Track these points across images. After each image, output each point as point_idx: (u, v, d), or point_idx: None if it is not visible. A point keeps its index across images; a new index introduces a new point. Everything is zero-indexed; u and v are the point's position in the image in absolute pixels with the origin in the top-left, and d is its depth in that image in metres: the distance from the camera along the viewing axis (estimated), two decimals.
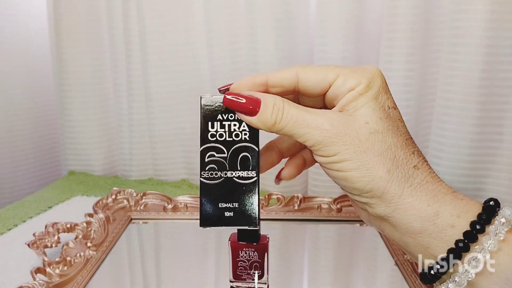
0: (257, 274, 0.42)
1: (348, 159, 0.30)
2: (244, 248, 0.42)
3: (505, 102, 0.63)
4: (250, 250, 0.42)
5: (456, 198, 0.30)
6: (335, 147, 0.30)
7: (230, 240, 0.43)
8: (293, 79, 0.32)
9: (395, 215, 0.30)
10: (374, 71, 0.32)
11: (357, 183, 0.30)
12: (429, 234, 0.30)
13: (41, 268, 0.46)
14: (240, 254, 0.42)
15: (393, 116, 0.31)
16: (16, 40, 0.84)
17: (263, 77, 0.33)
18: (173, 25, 0.75)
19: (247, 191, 0.33)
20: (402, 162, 0.30)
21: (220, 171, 0.32)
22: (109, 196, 0.64)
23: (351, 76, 0.31)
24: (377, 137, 0.30)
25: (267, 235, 0.43)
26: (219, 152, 0.32)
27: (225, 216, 0.33)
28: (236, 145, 0.32)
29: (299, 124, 0.31)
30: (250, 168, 0.32)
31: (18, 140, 0.86)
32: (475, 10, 0.60)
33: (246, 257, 0.42)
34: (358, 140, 0.30)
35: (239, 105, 0.32)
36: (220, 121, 0.32)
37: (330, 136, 0.30)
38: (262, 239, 0.42)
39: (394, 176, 0.30)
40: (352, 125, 0.30)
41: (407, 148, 0.31)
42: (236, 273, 0.43)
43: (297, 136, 0.31)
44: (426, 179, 0.31)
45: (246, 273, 0.43)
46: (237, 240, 0.42)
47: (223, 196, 0.33)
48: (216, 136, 0.31)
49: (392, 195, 0.30)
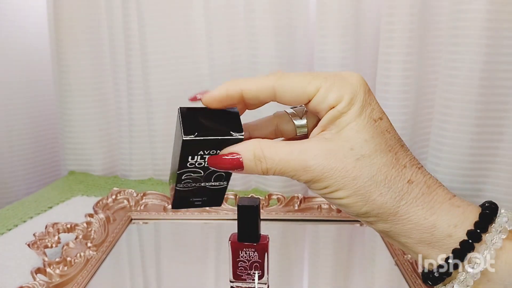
0: (257, 274, 0.42)
1: (340, 189, 0.30)
2: (244, 248, 0.42)
3: (505, 102, 0.63)
4: (250, 250, 0.42)
5: (452, 206, 0.30)
6: (325, 182, 0.30)
7: (230, 240, 0.43)
8: (269, 92, 0.31)
9: (393, 229, 0.31)
10: (356, 82, 0.30)
11: (352, 207, 0.30)
12: (428, 244, 0.30)
13: (41, 268, 0.46)
14: (240, 254, 0.42)
15: (380, 128, 0.30)
16: (16, 40, 0.84)
17: (236, 87, 0.31)
18: (173, 25, 0.75)
19: (217, 191, 0.36)
20: (395, 180, 0.30)
21: (195, 183, 0.34)
22: (109, 196, 0.64)
23: (332, 90, 0.30)
24: (365, 162, 0.29)
25: (267, 235, 0.43)
26: (195, 173, 0.33)
27: (195, 204, 0.36)
28: (213, 169, 0.33)
29: (284, 169, 0.30)
30: (222, 180, 0.34)
31: (18, 140, 0.86)
32: (474, 10, 0.60)
33: (246, 257, 0.42)
34: (345, 171, 0.29)
35: (224, 167, 0.31)
36: (201, 155, 0.32)
37: (317, 175, 0.30)
38: (262, 239, 0.43)
39: (387, 197, 0.30)
40: (337, 155, 0.29)
41: (398, 163, 0.30)
42: (236, 273, 0.43)
43: (288, 176, 0.31)
44: (422, 191, 0.30)
45: (246, 273, 0.43)
46: (237, 240, 0.42)
47: (195, 196, 0.35)
48: (195, 164, 0.32)
49: (387, 214, 0.30)
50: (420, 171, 0.31)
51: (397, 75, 0.66)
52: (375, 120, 0.30)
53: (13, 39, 0.83)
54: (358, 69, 0.70)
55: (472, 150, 0.64)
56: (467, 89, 0.62)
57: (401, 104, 0.67)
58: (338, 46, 0.67)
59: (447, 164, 0.66)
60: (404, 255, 0.50)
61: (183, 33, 0.75)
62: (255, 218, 0.42)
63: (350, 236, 0.60)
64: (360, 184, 0.29)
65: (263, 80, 0.31)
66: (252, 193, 0.69)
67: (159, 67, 0.76)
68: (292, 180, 0.76)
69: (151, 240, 0.60)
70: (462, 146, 0.64)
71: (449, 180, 0.66)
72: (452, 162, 0.65)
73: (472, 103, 0.63)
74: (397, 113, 0.67)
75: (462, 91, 0.63)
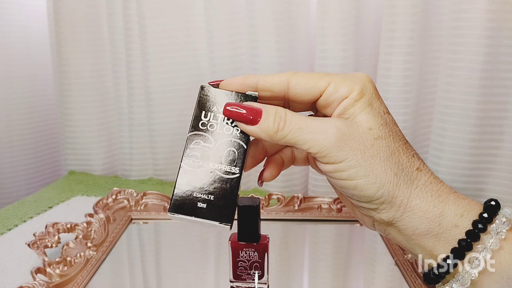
0: (257, 274, 0.42)
1: (356, 166, 0.30)
2: (244, 248, 0.42)
3: (505, 102, 0.63)
4: (250, 250, 0.42)
5: (459, 198, 0.31)
6: (342, 153, 0.30)
7: (230, 240, 0.43)
8: (283, 85, 0.32)
9: (402, 219, 0.30)
10: (364, 78, 0.32)
11: (367, 190, 0.30)
12: (435, 235, 0.30)
13: (41, 268, 0.46)
14: (240, 254, 0.42)
15: (389, 121, 0.31)
16: (16, 40, 0.84)
17: (253, 79, 0.33)
18: (173, 24, 0.75)
19: (226, 186, 0.32)
20: (406, 165, 0.30)
21: (202, 160, 0.31)
22: (109, 196, 0.64)
23: (343, 84, 0.31)
24: (382, 143, 0.30)
25: (267, 235, 0.43)
26: (206, 141, 0.31)
27: (198, 207, 0.31)
28: (225, 138, 0.31)
29: (302, 130, 0.30)
30: (234, 164, 0.32)
31: (18, 139, 0.86)
32: (475, 9, 0.60)
33: (246, 257, 0.42)
34: (364, 146, 0.30)
35: (239, 115, 0.32)
36: (215, 112, 0.32)
37: (336, 140, 0.30)
38: (262, 239, 0.42)
39: (401, 179, 0.30)
40: (357, 130, 0.30)
41: (408, 151, 0.31)
42: (236, 273, 0.43)
43: (301, 143, 0.30)
44: (430, 180, 0.31)
45: (246, 273, 0.43)
46: (237, 240, 0.42)
47: (200, 186, 0.31)
48: (207, 126, 0.31)
49: (401, 198, 0.30)
50: (425, 165, 0.32)
51: (397, 75, 0.66)
52: (384, 112, 0.32)
53: (13, 39, 0.83)
54: (358, 69, 0.69)
55: (472, 150, 0.64)
56: (468, 89, 0.62)
57: (402, 104, 0.67)
58: (338, 45, 0.67)
59: (447, 164, 0.66)
60: (404, 255, 0.50)
61: (183, 33, 0.75)
62: (255, 218, 0.42)
63: (350, 236, 0.60)
64: (377, 163, 0.30)
65: (279, 74, 0.33)
66: (252, 193, 0.69)
67: (159, 67, 0.76)
68: (292, 180, 0.76)
69: (151, 240, 0.60)
70: (463, 146, 0.64)
71: (449, 180, 0.66)
72: (453, 162, 0.65)
73: (472, 102, 0.63)
74: (398, 113, 0.67)
75: (462, 91, 0.63)
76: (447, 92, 0.64)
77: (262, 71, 0.71)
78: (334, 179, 0.31)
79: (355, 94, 0.31)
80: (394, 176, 0.30)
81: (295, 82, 0.32)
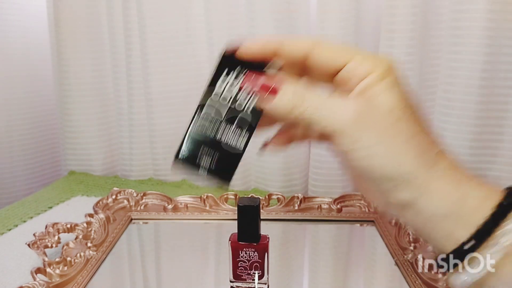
0: (257, 274, 0.42)
1: (376, 144, 0.29)
2: (244, 248, 0.42)
3: (505, 102, 0.63)
4: (250, 250, 0.42)
5: (479, 183, 0.30)
6: (362, 131, 0.29)
7: (230, 240, 0.43)
8: (305, 49, 0.31)
9: (421, 200, 0.29)
10: (389, 60, 0.31)
11: (387, 170, 0.29)
12: (455, 218, 0.29)
13: (41, 268, 0.46)
14: (240, 254, 0.42)
15: (412, 104, 0.30)
16: (16, 40, 0.84)
17: (274, 45, 0.32)
18: (173, 24, 0.75)
19: (233, 148, 0.32)
20: (428, 148, 0.30)
21: (216, 116, 0.31)
22: (109, 196, 0.64)
23: (367, 60, 0.30)
24: (403, 125, 0.29)
25: (267, 235, 0.43)
26: (224, 98, 0.31)
27: (202, 161, 0.33)
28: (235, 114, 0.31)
29: (321, 106, 0.29)
30: (245, 128, 0.32)
31: (18, 139, 0.86)
32: (475, 9, 0.60)
33: (246, 257, 0.42)
34: (384, 127, 0.29)
35: (259, 81, 0.31)
36: (230, 82, 0.31)
37: (356, 118, 0.29)
38: (262, 239, 0.43)
39: (421, 161, 0.29)
40: (378, 110, 0.29)
41: (429, 135, 0.30)
42: (236, 273, 0.43)
43: (319, 120, 0.29)
44: (451, 165, 0.30)
45: (246, 273, 0.43)
46: (237, 240, 0.42)
47: (208, 141, 0.32)
48: (226, 85, 0.31)
49: (421, 180, 0.29)
50: (445, 150, 0.31)
51: None
52: (406, 96, 0.30)
53: (13, 39, 0.83)
54: None
55: (472, 150, 0.64)
56: (468, 89, 0.62)
57: None
58: None
59: None
60: (404, 255, 0.50)
61: (183, 33, 0.75)
62: (255, 218, 0.42)
63: (350, 236, 0.60)
64: (396, 144, 0.29)
65: (302, 41, 0.32)
66: (252, 193, 0.69)
67: (159, 67, 0.76)
68: (292, 180, 0.76)
69: (151, 240, 0.60)
70: (463, 146, 0.64)
71: None
72: None
73: (472, 103, 0.63)
74: None
75: (462, 91, 0.63)
76: (447, 92, 0.64)
77: None
78: (351, 159, 0.30)
79: (380, 72, 0.29)
80: (414, 158, 0.29)
81: (319, 50, 0.31)
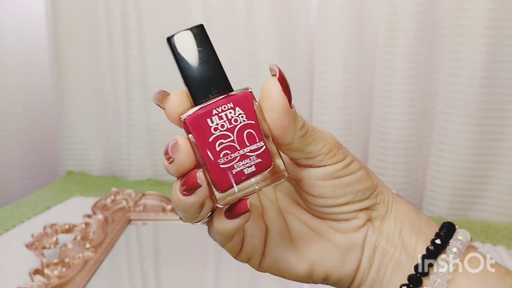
0: (259, 147, 0.27)
1: (355, 159, 0.30)
2: (214, 109, 0.26)
3: (507, 101, 0.62)
4: (226, 109, 0.26)
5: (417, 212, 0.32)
6: (344, 149, 0.30)
7: (183, 120, 0.26)
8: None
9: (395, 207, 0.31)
10: None
11: (367, 180, 0.30)
12: (417, 230, 0.30)
13: (39, 269, 0.45)
14: (212, 124, 0.26)
15: None
16: (14, 38, 0.83)
17: None
18: (171, 24, 0.74)
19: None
20: None
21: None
22: (108, 197, 0.64)
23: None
24: None
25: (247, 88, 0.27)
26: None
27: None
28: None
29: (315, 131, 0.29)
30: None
31: (16, 140, 0.86)
32: (477, 8, 0.59)
33: (225, 125, 0.26)
34: None
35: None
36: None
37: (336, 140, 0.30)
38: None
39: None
40: None
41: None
42: (221, 170, 0.26)
43: (316, 141, 0.28)
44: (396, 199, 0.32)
45: (237, 156, 0.26)
46: (193, 103, 0.27)
47: None
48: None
49: (385, 187, 0.31)
50: None
51: (400, 75, 0.65)
52: None
53: (11, 38, 0.83)
54: (360, 70, 0.69)
55: (474, 150, 0.64)
56: (469, 89, 0.62)
57: (405, 103, 0.66)
58: (339, 45, 0.67)
59: (449, 164, 0.65)
60: None
61: None
62: (206, 47, 0.27)
63: None
64: None
65: None
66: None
67: (157, 67, 0.76)
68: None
69: (150, 241, 0.60)
70: (464, 147, 0.64)
71: (451, 181, 0.65)
72: (454, 162, 0.65)
73: (474, 103, 0.62)
74: (401, 113, 0.67)
75: (464, 91, 0.62)
76: (449, 92, 0.64)
77: (262, 71, 0.71)
78: (341, 178, 0.29)
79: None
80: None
81: None
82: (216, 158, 0.26)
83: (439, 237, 0.29)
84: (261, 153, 0.27)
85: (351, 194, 0.30)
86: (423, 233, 0.30)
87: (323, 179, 0.29)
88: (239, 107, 0.26)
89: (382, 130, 0.68)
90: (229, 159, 0.26)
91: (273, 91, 0.27)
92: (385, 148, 0.69)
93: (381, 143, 0.69)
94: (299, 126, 0.27)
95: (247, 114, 0.27)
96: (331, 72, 0.68)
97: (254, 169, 0.27)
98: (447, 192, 0.66)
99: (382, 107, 0.68)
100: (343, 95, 0.69)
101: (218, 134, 0.26)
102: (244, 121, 0.27)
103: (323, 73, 0.69)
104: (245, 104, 0.27)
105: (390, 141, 0.68)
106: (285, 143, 0.27)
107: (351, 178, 0.29)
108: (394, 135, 0.67)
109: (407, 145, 0.67)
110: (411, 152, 0.68)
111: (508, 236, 0.60)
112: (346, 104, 0.70)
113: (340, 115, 0.70)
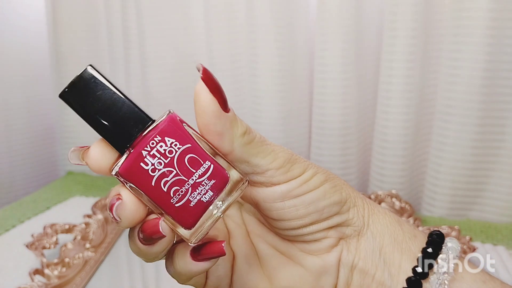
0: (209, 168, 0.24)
1: (319, 172, 0.27)
2: (144, 148, 0.24)
3: (507, 101, 0.62)
4: (156, 143, 0.24)
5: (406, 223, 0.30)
6: (303, 163, 0.26)
7: (115, 172, 0.26)
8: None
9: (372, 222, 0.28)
10: None
11: (334, 194, 0.27)
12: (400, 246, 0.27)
13: (39, 269, 0.45)
14: (148, 165, 0.24)
15: None
16: (14, 38, 0.83)
17: None
18: (172, 24, 0.74)
19: None
20: None
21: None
22: (108, 197, 0.64)
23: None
24: None
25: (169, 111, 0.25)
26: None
27: None
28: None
29: (265, 143, 0.26)
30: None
31: (16, 140, 0.86)
32: (476, 8, 0.59)
33: (163, 158, 0.24)
34: None
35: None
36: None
37: (291, 154, 0.26)
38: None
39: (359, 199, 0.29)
40: None
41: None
42: (178, 209, 0.24)
43: (265, 154, 0.25)
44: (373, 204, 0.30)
45: (192, 189, 0.24)
46: (118, 151, 0.26)
47: None
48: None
49: (360, 199, 0.28)
50: None
51: (399, 75, 0.65)
52: None
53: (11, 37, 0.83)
54: (360, 70, 0.69)
55: (474, 150, 0.64)
56: (469, 89, 0.62)
57: (404, 103, 0.66)
58: (338, 45, 0.67)
59: (449, 164, 0.65)
60: None
61: (182, 33, 0.75)
62: (105, 88, 0.26)
63: None
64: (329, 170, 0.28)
65: None
66: None
67: (158, 67, 0.76)
68: None
69: None
70: (464, 146, 0.64)
71: (451, 181, 0.65)
72: (454, 163, 0.65)
73: (474, 103, 0.62)
74: (400, 112, 0.67)
75: (464, 91, 0.62)
76: (448, 92, 0.64)
77: (262, 71, 0.71)
78: (300, 195, 0.26)
79: None
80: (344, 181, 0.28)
81: None
82: (168, 200, 0.24)
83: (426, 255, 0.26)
84: (212, 174, 0.24)
85: (315, 213, 0.26)
86: (407, 249, 0.27)
87: (280, 199, 0.26)
88: (168, 136, 0.24)
89: (382, 130, 0.68)
90: (181, 194, 0.24)
91: (201, 95, 0.24)
92: (384, 148, 0.69)
93: (381, 143, 0.69)
94: (239, 132, 0.24)
95: (180, 140, 0.24)
96: (331, 72, 0.68)
97: (212, 193, 0.24)
98: (447, 192, 0.66)
99: (381, 107, 0.68)
100: (343, 95, 0.69)
101: (159, 174, 0.24)
102: (180, 149, 0.24)
103: (323, 73, 0.69)
104: (173, 130, 0.24)
105: (389, 141, 0.68)
106: (223, 151, 0.24)
107: (313, 194, 0.26)
108: (393, 135, 0.67)
109: (406, 145, 0.67)
110: (411, 151, 0.68)
111: (508, 236, 0.60)
112: (345, 104, 0.70)
113: (339, 115, 0.70)
